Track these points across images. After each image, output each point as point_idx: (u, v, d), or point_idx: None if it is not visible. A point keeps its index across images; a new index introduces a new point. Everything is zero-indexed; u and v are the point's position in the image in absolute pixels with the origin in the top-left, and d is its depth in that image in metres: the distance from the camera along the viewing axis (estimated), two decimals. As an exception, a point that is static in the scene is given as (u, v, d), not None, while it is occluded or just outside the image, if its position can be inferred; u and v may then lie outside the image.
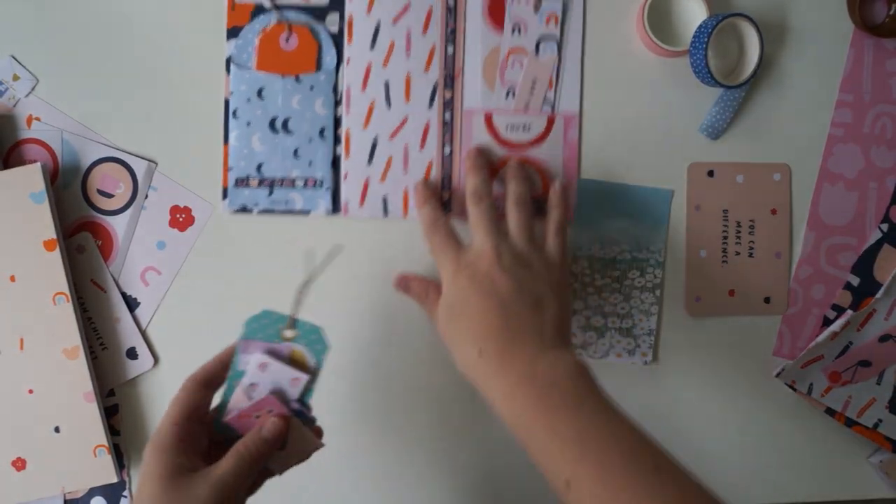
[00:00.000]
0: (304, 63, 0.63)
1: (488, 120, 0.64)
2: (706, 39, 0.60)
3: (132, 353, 0.63)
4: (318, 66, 0.63)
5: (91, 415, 0.60)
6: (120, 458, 0.63)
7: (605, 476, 0.45)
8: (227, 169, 0.63)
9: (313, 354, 0.51)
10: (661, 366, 0.66)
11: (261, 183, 0.63)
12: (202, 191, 0.63)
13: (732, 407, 0.66)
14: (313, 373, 0.51)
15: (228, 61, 0.63)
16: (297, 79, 0.63)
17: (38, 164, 0.60)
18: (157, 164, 0.63)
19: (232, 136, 0.63)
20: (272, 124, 0.63)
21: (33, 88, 0.63)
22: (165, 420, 0.50)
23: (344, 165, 0.64)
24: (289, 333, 0.51)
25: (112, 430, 0.63)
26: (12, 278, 0.60)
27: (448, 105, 0.64)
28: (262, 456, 0.50)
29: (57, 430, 0.60)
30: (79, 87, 0.63)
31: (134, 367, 0.63)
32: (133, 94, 0.63)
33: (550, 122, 0.64)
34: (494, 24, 0.64)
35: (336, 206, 0.64)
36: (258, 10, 0.63)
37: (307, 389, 0.51)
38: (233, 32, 0.63)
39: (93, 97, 0.63)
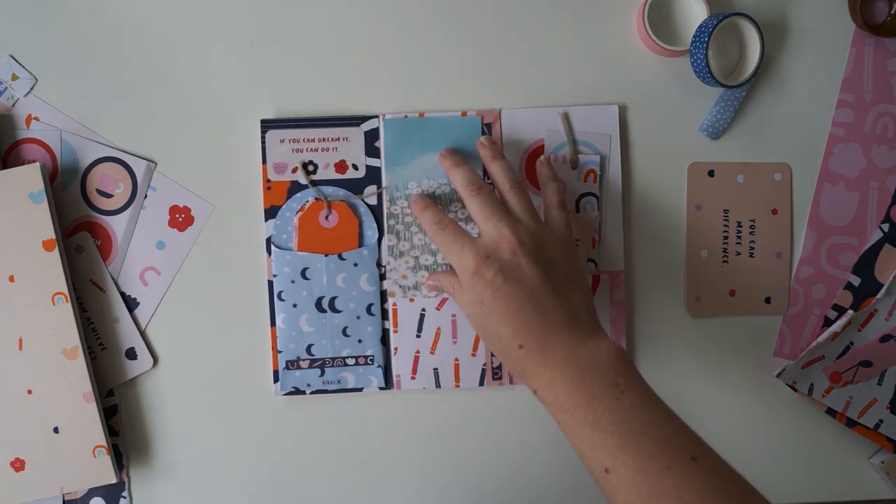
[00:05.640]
0: (347, 240, 0.63)
1: None
2: (707, 39, 0.60)
3: (131, 354, 0.63)
4: (361, 242, 0.63)
5: (90, 415, 0.60)
6: (119, 458, 0.63)
7: (643, 465, 0.46)
8: (276, 352, 0.63)
9: None
10: (661, 365, 0.65)
11: (312, 364, 0.63)
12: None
13: (732, 407, 0.66)
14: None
15: (268, 242, 0.63)
16: (341, 256, 0.63)
17: (37, 164, 0.60)
18: (156, 163, 0.63)
19: (279, 318, 0.63)
20: (318, 304, 0.63)
21: (32, 88, 0.63)
22: None
23: (393, 340, 0.64)
24: None
25: (111, 430, 0.63)
26: (11, 278, 0.59)
27: None
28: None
29: (56, 430, 0.60)
30: (78, 86, 0.63)
31: (133, 368, 0.63)
32: (133, 93, 0.63)
33: (595, 281, 0.64)
34: (531, 184, 0.64)
35: (388, 381, 0.64)
36: (294, 188, 0.63)
37: None
38: (271, 213, 0.63)
39: (92, 97, 0.63)
